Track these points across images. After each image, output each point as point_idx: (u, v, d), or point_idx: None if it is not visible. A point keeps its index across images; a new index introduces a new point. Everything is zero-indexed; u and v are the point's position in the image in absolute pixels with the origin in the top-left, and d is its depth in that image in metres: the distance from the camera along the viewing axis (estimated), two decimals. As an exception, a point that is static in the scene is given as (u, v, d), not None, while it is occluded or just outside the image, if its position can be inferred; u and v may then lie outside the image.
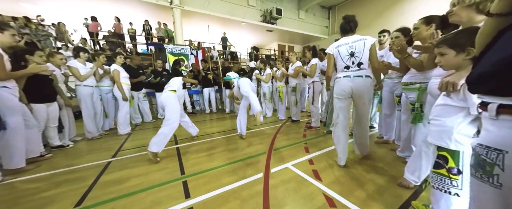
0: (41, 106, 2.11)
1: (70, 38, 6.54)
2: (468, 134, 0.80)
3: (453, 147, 0.81)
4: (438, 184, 0.87)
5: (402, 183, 1.40)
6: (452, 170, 0.82)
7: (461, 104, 0.79)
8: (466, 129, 0.80)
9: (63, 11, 7.64)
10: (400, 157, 1.89)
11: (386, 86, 2.14)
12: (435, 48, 0.88)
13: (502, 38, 0.49)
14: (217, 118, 4.47)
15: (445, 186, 0.84)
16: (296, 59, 3.50)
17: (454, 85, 0.77)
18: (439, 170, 0.86)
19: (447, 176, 0.83)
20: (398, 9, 8.35)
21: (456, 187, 0.82)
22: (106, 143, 2.69)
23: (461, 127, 0.80)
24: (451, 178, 0.82)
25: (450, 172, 0.82)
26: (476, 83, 0.55)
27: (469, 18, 0.99)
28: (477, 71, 0.55)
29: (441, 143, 0.84)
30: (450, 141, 0.81)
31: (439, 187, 0.86)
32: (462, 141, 0.80)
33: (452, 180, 0.82)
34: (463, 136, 0.80)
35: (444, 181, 0.84)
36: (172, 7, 7.07)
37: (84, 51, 2.81)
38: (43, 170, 1.85)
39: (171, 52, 6.13)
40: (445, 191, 0.84)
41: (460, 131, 0.80)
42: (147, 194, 1.39)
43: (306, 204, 1.24)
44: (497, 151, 0.49)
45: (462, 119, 0.80)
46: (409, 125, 1.70)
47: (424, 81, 1.48)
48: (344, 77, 1.68)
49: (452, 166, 0.82)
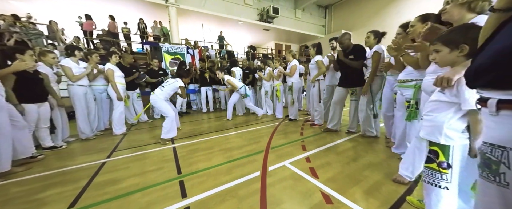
0: (32, 106, 2.05)
1: (63, 37, 6.38)
2: (458, 129, 0.81)
3: (443, 142, 0.82)
4: (429, 178, 0.88)
5: (397, 179, 1.43)
6: (442, 164, 0.84)
7: (453, 100, 0.80)
8: (456, 124, 0.81)
9: (55, 9, 7.45)
10: (395, 154, 1.92)
11: (388, 84, 2.09)
12: (430, 45, 0.89)
13: (503, 30, 0.49)
14: (214, 117, 4.45)
15: (435, 180, 0.86)
16: (292, 57, 3.51)
17: (448, 80, 0.78)
18: (430, 165, 0.87)
19: (437, 170, 0.85)
20: (393, 9, 8.45)
21: (446, 180, 0.84)
22: (100, 143, 2.64)
23: (452, 122, 0.82)
24: (441, 172, 0.84)
25: (440, 166, 0.84)
26: (475, 76, 0.54)
27: (460, 16, 1.01)
28: (476, 63, 0.54)
29: (432, 138, 0.86)
30: (440, 136, 0.83)
31: (429, 181, 0.88)
32: (452, 136, 0.81)
33: (442, 174, 0.84)
34: (453, 131, 0.82)
35: (435, 175, 0.86)
36: (168, 5, 6.98)
37: (78, 50, 2.74)
38: (34, 171, 1.80)
39: (167, 51, 6.06)
40: (435, 185, 0.86)
41: (451, 126, 0.82)
42: (143, 195, 1.38)
43: (303, 201, 1.25)
44: (501, 148, 0.47)
45: (453, 115, 0.82)
46: (404, 122, 1.72)
47: (420, 78, 1.49)
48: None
49: (442, 160, 0.83)
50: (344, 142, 2.36)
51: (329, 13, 11.63)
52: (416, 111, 1.51)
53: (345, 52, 2.53)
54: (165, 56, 5.99)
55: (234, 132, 3.03)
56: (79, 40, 6.40)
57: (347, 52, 2.51)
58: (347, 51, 2.51)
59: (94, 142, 2.71)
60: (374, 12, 9.16)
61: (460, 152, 0.82)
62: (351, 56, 2.45)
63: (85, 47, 6.62)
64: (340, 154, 1.99)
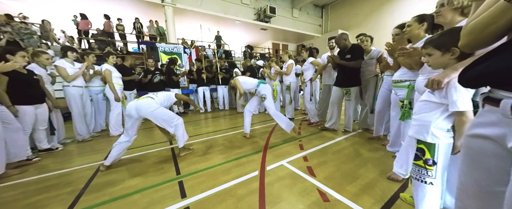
0: (29, 108, 2.01)
1: (56, 36, 6.25)
2: (443, 128, 0.86)
3: (430, 140, 0.87)
4: (416, 175, 0.93)
5: (392, 176, 1.47)
6: (428, 161, 0.88)
7: (442, 101, 0.85)
8: (442, 124, 0.86)
9: (48, 9, 7.27)
10: (390, 152, 1.96)
11: (386, 83, 2.13)
12: (422, 48, 0.92)
13: None
14: (212, 117, 4.44)
15: (422, 176, 0.91)
16: (289, 57, 3.54)
17: (439, 83, 0.82)
18: (418, 162, 0.92)
19: (424, 167, 0.90)
20: (388, 9, 8.56)
21: (431, 176, 0.88)
22: (97, 145, 2.61)
23: (438, 121, 0.86)
24: (427, 168, 0.89)
25: (426, 163, 0.89)
26: (494, 81, 0.48)
27: (452, 20, 1.05)
28: (497, 66, 0.46)
29: (420, 136, 0.91)
30: (427, 134, 0.87)
31: (417, 177, 0.93)
32: (438, 135, 0.86)
33: (427, 171, 0.89)
34: (439, 130, 0.86)
35: (421, 171, 0.91)
36: (164, 5, 6.90)
37: (72, 50, 2.70)
38: (30, 174, 1.78)
39: (163, 51, 6.01)
40: (422, 181, 0.91)
41: (437, 125, 0.86)
42: (142, 196, 1.38)
43: (301, 199, 1.27)
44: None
45: (440, 115, 0.86)
46: (398, 121, 1.77)
47: (413, 78, 1.53)
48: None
49: (428, 157, 0.88)
50: (340, 141, 2.40)
51: (325, 13, 11.70)
52: (410, 110, 1.56)
53: (343, 51, 2.58)
54: (161, 56, 5.94)
55: (233, 132, 3.04)
56: (73, 40, 6.28)
57: (345, 52, 2.55)
58: (345, 50, 2.55)
59: (91, 143, 2.69)
60: (369, 12, 9.27)
61: (445, 150, 0.86)
62: (348, 56, 2.49)
63: (79, 47, 6.50)
64: (336, 153, 2.02)
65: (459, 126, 0.82)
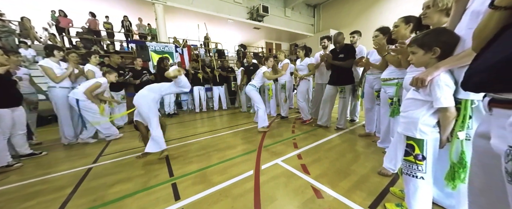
0: (5, 111, 1.90)
1: (37, 34, 5.90)
2: (430, 124, 0.90)
3: (419, 136, 0.91)
4: (407, 170, 0.97)
5: (382, 171, 1.52)
6: (418, 156, 0.92)
7: (427, 98, 0.88)
8: (429, 120, 0.90)
9: (27, 5, 6.84)
10: (381, 148, 2.03)
11: (367, 82, 2.27)
12: (407, 47, 0.96)
13: (502, 37, 0.47)
14: (207, 117, 4.39)
15: (412, 171, 0.94)
16: (284, 56, 3.55)
17: (422, 81, 0.85)
18: (408, 157, 0.96)
19: (414, 162, 0.93)
20: (377, 9, 8.83)
21: (421, 171, 0.92)
22: (85, 148, 2.51)
23: (425, 118, 0.90)
24: (417, 163, 0.93)
25: (416, 159, 0.93)
26: (473, 87, 0.52)
27: (438, 21, 1.10)
28: (472, 72, 0.52)
29: (409, 133, 0.94)
30: (416, 130, 0.91)
31: (407, 172, 0.96)
32: (426, 131, 0.90)
33: (418, 166, 0.92)
34: (426, 126, 0.90)
35: (412, 166, 0.94)
36: (154, 3, 6.70)
37: (59, 49, 2.55)
38: (11, 181, 1.67)
39: (154, 50, 5.83)
40: (413, 176, 0.94)
41: (424, 122, 0.90)
42: (134, 199, 1.34)
43: (296, 197, 1.29)
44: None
45: (426, 111, 0.90)
46: (388, 118, 1.83)
47: (401, 76, 1.60)
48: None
49: (418, 153, 0.92)
50: (333, 139, 2.45)
51: (317, 12, 11.86)
52: (399, 107, 1.61)
53: (336, 50, 2.65)
54: (152, 55, 5.77)
55: (227, 131, 3.02)
56: (55, 38, 5.94)
57: (338, 51, 2.60)
58: (338, 50, 2.62)
59: (78, 147, 2.57)
60: (359, 12, 9.51)
61: (432, 145, 0.90)
62: (342, 55, 2.55)
63: (63, 45, 6.17)
64: (329, 150, 2.07)
65: (443, 121, 0.86)
